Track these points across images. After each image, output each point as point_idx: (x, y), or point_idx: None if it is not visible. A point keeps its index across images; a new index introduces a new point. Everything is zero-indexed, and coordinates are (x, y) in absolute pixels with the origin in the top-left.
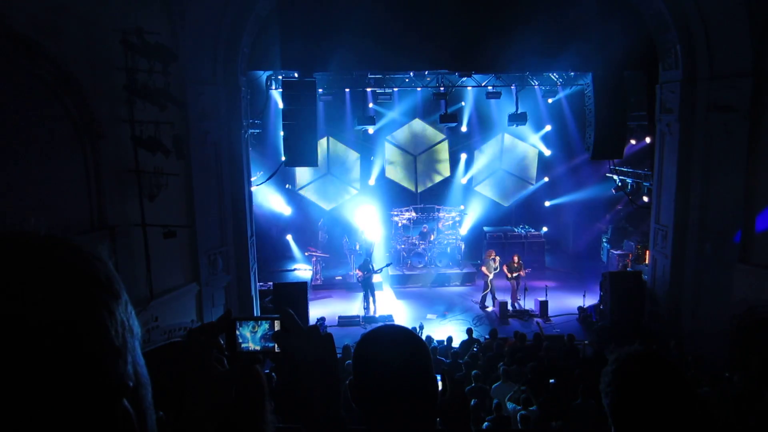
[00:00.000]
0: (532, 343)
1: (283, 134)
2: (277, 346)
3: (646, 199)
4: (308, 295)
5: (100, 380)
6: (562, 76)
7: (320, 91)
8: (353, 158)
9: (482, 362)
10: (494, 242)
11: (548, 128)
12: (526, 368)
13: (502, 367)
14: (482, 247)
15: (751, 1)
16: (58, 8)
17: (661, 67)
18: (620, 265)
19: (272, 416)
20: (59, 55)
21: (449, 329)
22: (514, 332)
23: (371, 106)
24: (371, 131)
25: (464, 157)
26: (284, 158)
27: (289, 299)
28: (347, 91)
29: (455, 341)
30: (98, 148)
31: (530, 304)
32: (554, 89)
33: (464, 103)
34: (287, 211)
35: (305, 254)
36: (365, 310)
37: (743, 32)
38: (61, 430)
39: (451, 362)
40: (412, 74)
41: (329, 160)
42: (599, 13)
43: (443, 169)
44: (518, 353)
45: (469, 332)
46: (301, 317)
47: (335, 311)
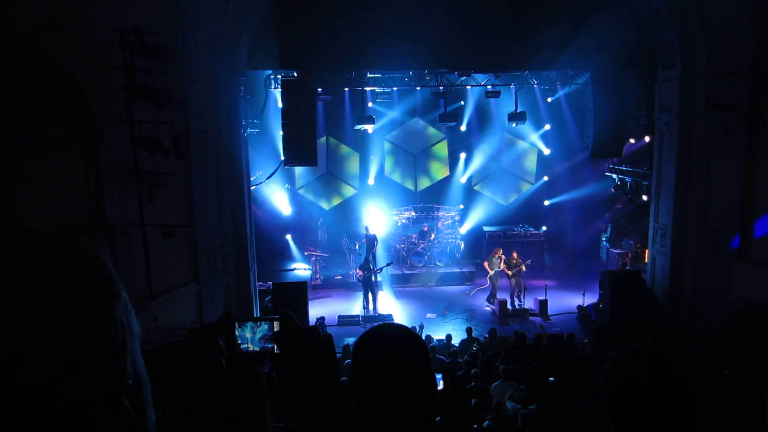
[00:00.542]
0: (531, 342)
1: (282, 134)
2: (276, 347)
3: (645, 197)
4: (308, 294)
5: (99, 380)
6: (561, 74)
7: (319, 90)
8: (352, 158)
9: (482, 361)
10: (494, 241)
11: (547, 127)
12: (527, 367)
13: (501, 366)
14: (482, 246)
15: None
16: (57, 8)
17: (659, 65)
18: (620, 263)
19: (272, 416)
20: (58, 55)
21: (449, 329)
22: (513, 331)
23: (370, 105)
24: (370, 130)
25: (463, 156)
26: (283, 158)
27: (288, 299)
28: (346, 90)
29: (455, 340)
30: (97, 147)
31: (530, 302)
32: (553, 88)
33: (463, 102)
34: (287, 210)
35: (305, 254)
36: (365, 309)
37: (742, 31)
38: (61, 429)
39: (450, 361)
40: (411, 73)
41: (328, 159)
42: (598, 11)
43: (442, 168)
44: (518, 352)
45: (468, 331)
46: (300, 317)
47: (335, 311)
